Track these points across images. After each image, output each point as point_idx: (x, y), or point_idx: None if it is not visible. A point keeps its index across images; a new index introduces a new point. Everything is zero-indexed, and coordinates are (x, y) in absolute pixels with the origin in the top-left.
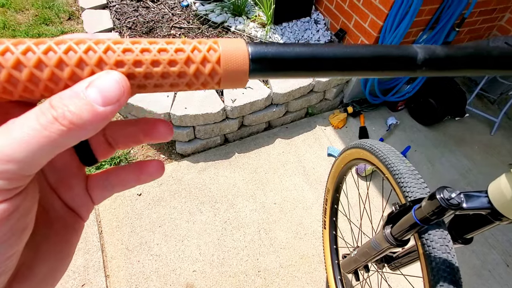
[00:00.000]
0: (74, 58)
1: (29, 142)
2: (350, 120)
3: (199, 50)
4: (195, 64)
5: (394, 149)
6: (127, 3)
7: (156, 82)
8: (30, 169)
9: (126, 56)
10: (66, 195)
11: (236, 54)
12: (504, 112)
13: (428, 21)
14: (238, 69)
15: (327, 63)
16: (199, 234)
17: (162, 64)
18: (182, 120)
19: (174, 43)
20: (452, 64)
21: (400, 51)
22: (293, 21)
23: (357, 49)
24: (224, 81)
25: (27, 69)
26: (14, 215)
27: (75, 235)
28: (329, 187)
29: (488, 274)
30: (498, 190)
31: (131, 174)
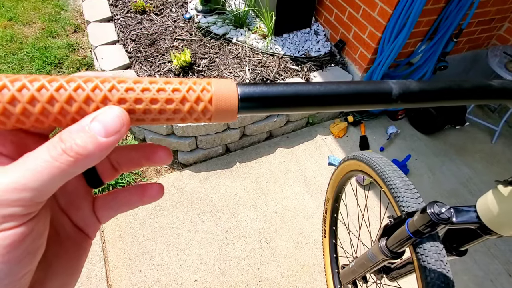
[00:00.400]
0: (82, 95)
1: (41, 172)
2: (350, 129)
3: (194, 90)
4: (189, 103)
5: (391, 162)
6: (131, 16)
7: (154, 117)
8: (42, 196)
9: (129, 94)
10: (75, 216)
11: (227, 94)
12: (505, 120)
13: (426, 32)
14: (227, 108)
15: (309, 100)
16: (200, 243)
17: (160, 102)
18: (184, 131)
19: (172, 83)
20: (425, 97)
21: (376, 88)
22: (294, 32)
23: (337, 86)
24: (215, 117)
25: (40, 104)
26: (28, 238)
27: (83, 253)
28: (328, 196)
29: (491, 284)
30: (485, 206)
31: (135, 196)
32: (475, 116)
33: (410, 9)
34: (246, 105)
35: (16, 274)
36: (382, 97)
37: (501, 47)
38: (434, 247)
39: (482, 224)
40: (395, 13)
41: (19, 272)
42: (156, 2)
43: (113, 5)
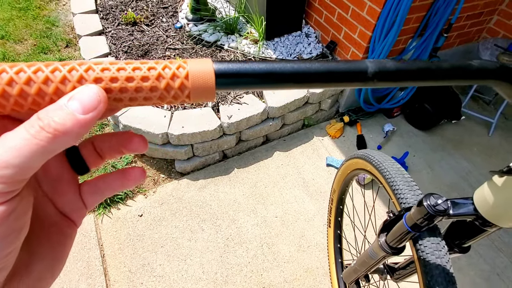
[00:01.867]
0: (59, 76)
1: (22, 149)
2: (347, 129)
3: (169, 68)
4: (165, 80)
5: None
6: (122, 28)
7: (131, 95)
8: (24, 174)
9: (104, 74)
10: (60, 201)
11: (203, 70)
12: (501, 112)
13: (416, 28)
14: (205, 84)
15: (283, 77)
16: (201, 252)
17: (135, 80)
18: (180, 139)
19: (147, 63)
20: (402, 76)
21: (351, 66)
22: (285, 36)
23: (311, 65)
24: (194, 94)
25: (18, 85)
26: (12, 216)
27: (68, 239)
28: (335, 188)
29: (497, 278)
30: (482, 197)
31: (117, 180)
32: (471, 109)
33: (399, 6)
34: (223, 81)
35: (0, 252)
36: (357, 76)
37: (491, 39)
38: (434, 241)
39: (479, 216)
40: (383, 11)
41: (4, 249)
42: (146, 13)
43: (104, 18)
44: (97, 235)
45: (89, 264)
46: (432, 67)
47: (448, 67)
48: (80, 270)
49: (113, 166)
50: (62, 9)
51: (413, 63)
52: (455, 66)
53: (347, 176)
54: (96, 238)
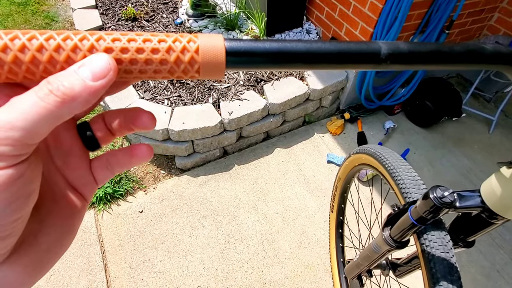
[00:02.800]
0: (70, 45)
1: (29, 112)
2: (347, 126)
3: (180, 41)
4: (175, 53)
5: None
6: (122, 24)
7: (141, 68)
8: (31, 138)
9: (115, 44)
10: (71, 175)
11: (214, 45)
12: (501, 110)
13: (417, 25)
14: (215, 59)
15: (294, 57)
16: (202, 248)
17: (146, 52)
18: (181, 135)
19: (158, 35)
20: (415, 58)
21: (364, 47)
22: (286, 32)
23: (323, 44)
24: (203, 69)
25: (30, 52)
26: (20, 181)
27: (78, 214)
28: (340, 176)
29: (497, 275)
30: (489, 189)
31: (125, 157)
32: (471, 107)
33: (400, 3)
34: (233, 59)
35: (5, 218)
36: (371, 57)
37: (492, 37)
38: (439, 236)
39: (486, 208)
40: (385, 7)
41: (9, 216)
42: (146, 8)
43: (103, 13)
44: (97, 231)
45: (90, 260)
46: (445, 49)
47: (462, 50)
48: (81, 266)
49: None
50: (62, 4)
51: (426, 45)
52: (469, 49)
53: (350, 172)
54: (97, 234)
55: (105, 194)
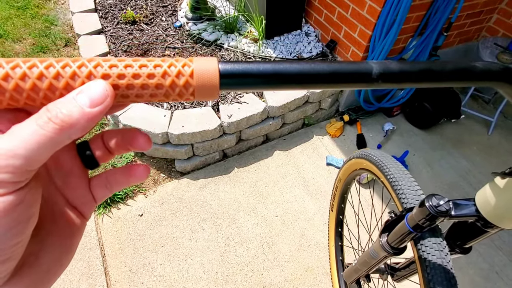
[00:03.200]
0: (69, 72)
1: (29, 140)
2: (347, 128)
3: (175, 66)
4: (170, 77)
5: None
6: (121, 27)
7: (137, 92)
8: (32, 164)
9: (112, 70)
10: (71, 195)
11: (208, 69)
12: (500, 111)
13: (416, 27)
14: (209, 82)
15: (288, 78)
16: (202, 251)
17: (142, 77)
18: (180, 139)
19: (154, 60)
20: (406, 77)
21: (356, 67)
22: (285, 35)
23: (316, 65)
24: (198, 92)
25: (30, 80)
26: (20, 207)
27: (77, 232)
28: (341, 177)
29: (496, 277)
30: (484, 199)
31: (123, 176)
32: (470, 108)
33: (399, 5)
34: (227, 81)
35: (5, 242)
36: (362, 77)
37: (491, 38)
38: (435, 242)
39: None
40: (383, 10)
41: (9, 240)
42: (146, 12)
43: (103, 17)
44: (97, 235)
45: (90, 264)
46: (435, 68)
47: (452, 68)
48: (81, 270)
49: (112, 166)
50: (61, 7)
51: (416, 64)
52: (459, 67)
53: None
54: (97, 238)
55: None
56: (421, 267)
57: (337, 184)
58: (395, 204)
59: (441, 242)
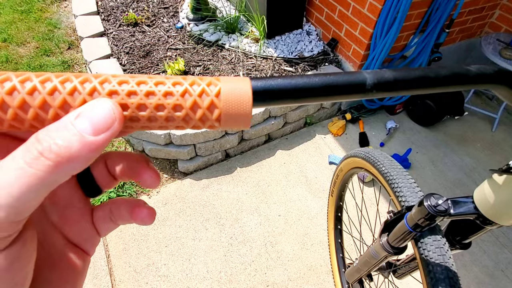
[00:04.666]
0: (68, 87)
1: (14, 184)
2: (349, 127)
3: (198, 84)
4: (192, 97)
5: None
6: (123, 29)
7: (150, 114)
8: (20, 214)
9: (122, 87)
10: (70, 231)
11: (239, 90)
12: (504, 107)
13: (418, 24)
14: (240, 106)
15: (278, 94)
16: (205, 251)
17: (157, 96)
18: (183, 139)
19: (173, 78)
20: (401, 85)
21: (349, 78)
22: (286, 34)
23: (308, 79)
24: (225, 117)
25: (20, 95)
26: (13, 267)
27: (81, 272)
28: (342, 167)
29: (501, 274)
30: (482, 196)
31: (127, 213)
32: (474, 105)
33: (400, 3)
34: (258, 100)
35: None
36: (356, 88)
37: (494, 34)
38: (436, 241)
39: (480, 215)
40: (384, 8)
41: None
42: (147, 13)
43: (105, 19)
44: None
45: (95, 265)
46: (430, 74)
47: (446, 74)
48: None
49: None
50: (64, 11)
51: (410, 71)
52: (454, 72)
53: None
54: (101, 238)
55: (109, 198)
56: (422, 266)
57: (338, 173)
58: (394, 203)
59: (441, 240)
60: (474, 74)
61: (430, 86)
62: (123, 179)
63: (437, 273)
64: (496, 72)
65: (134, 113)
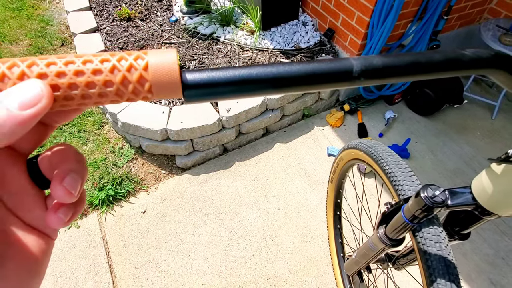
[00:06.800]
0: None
1: None
2: (347, 118)
3: (126, 59)
4: (121, 72)
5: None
6: (117, 24)
7: (83, 92)
8: None
9: (50, 68)
10: (26, 216)
11: (165, 61)
12: (504, 94)
13: (415, 12)
14: (168, 75)
15: (260, 83)
16: (205, 246)
17: (86, 74)
18: (180, 135)
19: (101, 55)
20: (391, 72)
21: (335, 66)
22: (282, 25)
23: (291, 67)
24: (156, 88)
25: None
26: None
27: (42, 254)
28: (343, 156)
29: (502, 262)
30: (480, 186)
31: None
32: (473, 92)
33: None
34: (192, 83)
35: None
36: (343, 76)
37: (493, 20)
38: (434, 231)
39: (478, 205)
40: None
41: None
42: (141, 8)
43: (98, 15)
44: (101, 233)
45: (95, 262)
46: (422, 60)
47: (440, 58)
48: (86, 268)
49: (114, 164)
50: (56, 7)
51: (401, 57)
52: (447, 57)
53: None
54: (101, 236)
55: (108, 196)
56: (421, 258)
57: (338, 161)
58: (392, 195)
59: (439, 231)
60: (469, 58)
61: (422, 72)
62: None
63: (435, 264)
64: (493, 56)
65: (67, 93)
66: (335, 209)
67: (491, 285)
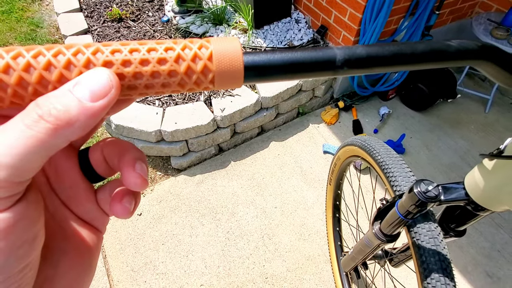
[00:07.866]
0: (63, 60)
1: (14, 145)
2: (342, 115)
3: (190, 48)
4: (185, 62)
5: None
6: (108, 26)
7: (147, 82)
8: (22, 175)
9: (115, 56)
10: (78, 210)
11: (229, 50)
12: (496, 88)
13: (407, 7)
14: (232, 65)
15: None
16: (202, 247)
17: (151, 63)
18: (174, 136)
19: (164, 43)
20: (375, 62)
21: (317, 55)
22: (274, 23)
23: (271, 55)
24: (219, 78)
25: (16, 73)
26: (20, 225)
27: (95, 248)
28: (340, 156)
29: (498, 254)
30: (472, 182)
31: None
32: (466, 87)
33: None
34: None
35: (13, 267)
36: (325, 65)
37: (484, 14)
38: (428, 227)
39: (471, 201)
40: None
41: (15, 266)
42: (132, 8)
43: (88, 16)
44: None
45: None
46: (406, 50)
47: (425, 49)
48: None
49: None
50: (46, 9)
51: (385, 47)
52: (432, 48)
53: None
54: None
55: None
56: (415, 254)
57: (336, 161)
58: (388, 191)
59: (434, 227)
60: (455, 49)
61: (406, 62)
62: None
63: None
64: (480, 47)
65: (131, 82)
66: (334, 212)
67: (488, 277)
